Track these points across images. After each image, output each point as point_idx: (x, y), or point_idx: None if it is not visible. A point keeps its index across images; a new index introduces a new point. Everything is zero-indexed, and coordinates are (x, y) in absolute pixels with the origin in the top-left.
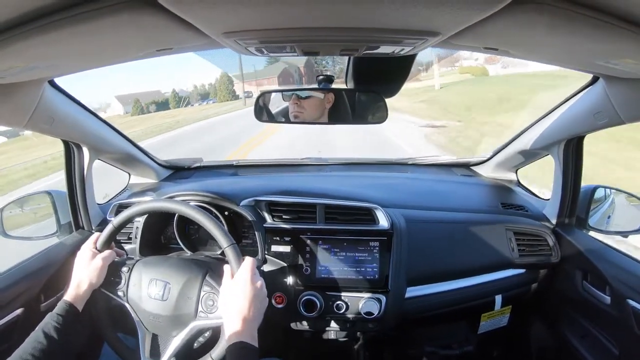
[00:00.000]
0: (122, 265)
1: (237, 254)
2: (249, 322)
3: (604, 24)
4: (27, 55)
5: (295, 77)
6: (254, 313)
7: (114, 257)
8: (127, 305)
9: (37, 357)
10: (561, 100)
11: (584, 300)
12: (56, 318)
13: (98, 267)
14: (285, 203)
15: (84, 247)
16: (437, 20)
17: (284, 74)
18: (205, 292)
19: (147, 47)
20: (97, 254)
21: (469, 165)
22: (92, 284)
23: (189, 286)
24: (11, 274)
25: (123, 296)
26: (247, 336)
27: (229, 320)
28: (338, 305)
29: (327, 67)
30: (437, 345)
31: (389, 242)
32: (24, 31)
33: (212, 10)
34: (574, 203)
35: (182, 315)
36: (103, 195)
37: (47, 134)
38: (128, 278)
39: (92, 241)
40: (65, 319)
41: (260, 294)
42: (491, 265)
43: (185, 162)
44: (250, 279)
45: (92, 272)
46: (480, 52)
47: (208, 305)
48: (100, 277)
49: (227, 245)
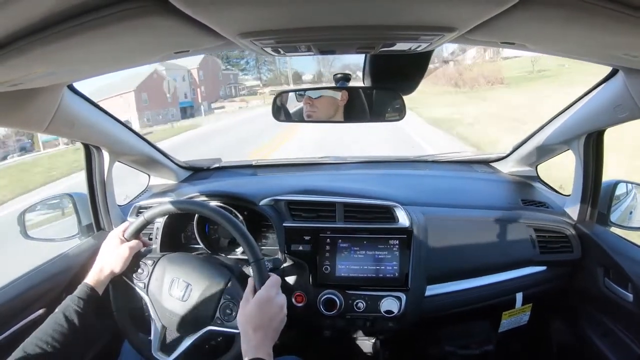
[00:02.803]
0: (146, 257)
1: (263, 270)
2: (266, 339)
3: (622, 15)
4: (46, 60)
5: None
6: (272, 332)
7: (141, 247)
8: (146, 297)
9: (56, 340)
10: (580, 94)
11: (605, 298)
12: (77, 301)
13: (124, 255)
14: (305, 202)
15: (112, 234)
16: (453, 15)
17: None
18: (226, 300)
19: (164, 50)
20: (124, 242)
21: (489, 162)
22: (114, 271)
23: (210, 291)
24: (34, 275)
25: (143, 287)
26: (262, 352)
27: (247, 335)
28: (358, 304)
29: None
30: (457, 344)
31: (409, 240)
32: (43, 37)
33: (228, 12)
34: (595, 199)
35: (198, 318)
36: (124, 197)
37: (67, 137)
38: (151, 271)
39: (121, 229)
40: (86, 302)
41: (280, 314)
42: (512, 262)
43: (204, 163)
44: (273, 298)
45: (117, 260)
46: (497, 47)
47: (226, 313)
48: (123, 265)
49: (254, 260)
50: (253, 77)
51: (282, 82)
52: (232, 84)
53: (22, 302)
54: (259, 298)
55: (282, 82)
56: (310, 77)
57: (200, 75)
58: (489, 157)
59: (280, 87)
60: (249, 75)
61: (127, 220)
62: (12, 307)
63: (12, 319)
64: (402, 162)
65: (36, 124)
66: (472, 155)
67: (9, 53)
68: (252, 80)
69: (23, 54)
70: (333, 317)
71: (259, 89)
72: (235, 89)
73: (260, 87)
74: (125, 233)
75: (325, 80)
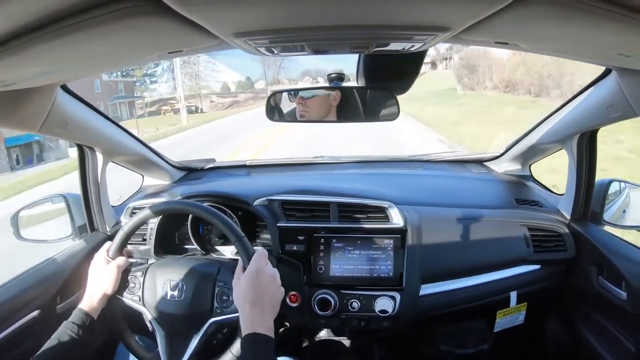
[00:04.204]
0: (135, 269)
1: (247, 246)
2: (263, 313)
3: (616, 15)
4: (40, 60)
5: None
6: (268, 303)
7: (128, 263)
8: (143, 309)
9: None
10: (573, 94)
11: (599, 296)
12: (71, 327)
13: (112, 275)
14: (299, 202)
15: (97, 257)
16: (447, 15)
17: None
18: (220, 288)
19: (158, 50)
20: (110, 262)
21: (482, 161)
22: (106, 292)
23: (203, 283)
24: (28, 276)
25: (139, 300)
26: (261, 327)
27: (245, 312)
28: (352, 304)
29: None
30: (453, 344)
31: (403, 239)
32: (37, 37)
33: (221, 11)
34: (589, 197)
35: (198, 313)
36: (117, 197)
37: (61, 137)
38: (142, 282)
39: (104, 250)
40: (81, 327)
41: (273, 284)
42: (506, 261)
43: (198, 164)
44: (262, 269)
45: (107, 281)
46: (491, 47)
47: (223, 300)
48: (115, 284)
49: (236, 239)
50: (170, 86)
51: (200, 94)
52: (121, 98)
53: (16, 305)
54: (249, 272)
55: (199, 93)
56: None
57: None
58: (482, 156)
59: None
60: (159, 84)
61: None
62: (6, 310)
63: (6, 321)
64: (396, 162)
65: (29, 124)
66: (466, 155)
67: (3, 53)
68: (168, 90)
69: (17, 53)
70: (328, 317)
71: (173, 105)
72: (130, 106)
73: (177, 101)
74: (109, 252)
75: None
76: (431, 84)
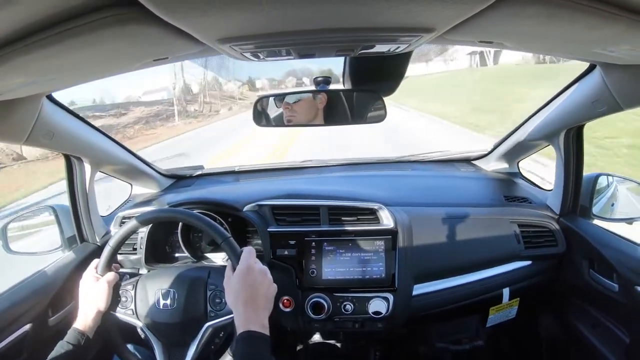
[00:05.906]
0: (125, 284)
1: (234, 246)
2: (257, 310)
3: (599, 11)
4: (25, 70)
5: None
6: (261, 300)
7: (117, 278)
8: (138, 322)
9: None
10: (559, 90)
11: (591, 289)
12: (66, 346)
13: (103, 291)
14: (288, 206)
15: (86, 275)
16: (431, 16)
17: None
18: (211, 291)
19: (143, 58)
20: (99, 279)
21: (471, 160)
22: (100, 310)
23: (194, 288)
24: (18, 289)
25: (132, 314)
26: (255, 325)
27: (238, 311)
28: (346, 306)
29: None
30: (448, 341)
31: (394, 240)
32: (21, 47)
33: (206, 17)
34: (577, 192)
35: (193, 319)
36: (106, 207)
37: (47, 148)
38: (134, 295)
39: (92, 267)
40: (76, 347)
41: (264, 281)
42: (497, 258)
43: (186, 171)
44: (251, 267)
45: (99, 298)
46: (475, 46)
47: (216, 303)
48: (107, 300)
49: (223, 240)
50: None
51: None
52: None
53: (7, 318)
54: (239, 271)
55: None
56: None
57: None
58: (470, 155)
59: None
60: None
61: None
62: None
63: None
64: (384, 163)
65: (15, 135)
66: (454, 154)
67: None
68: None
69: (2, 64)
70: (321, 321)
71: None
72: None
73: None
74: (98, 269)
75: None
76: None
